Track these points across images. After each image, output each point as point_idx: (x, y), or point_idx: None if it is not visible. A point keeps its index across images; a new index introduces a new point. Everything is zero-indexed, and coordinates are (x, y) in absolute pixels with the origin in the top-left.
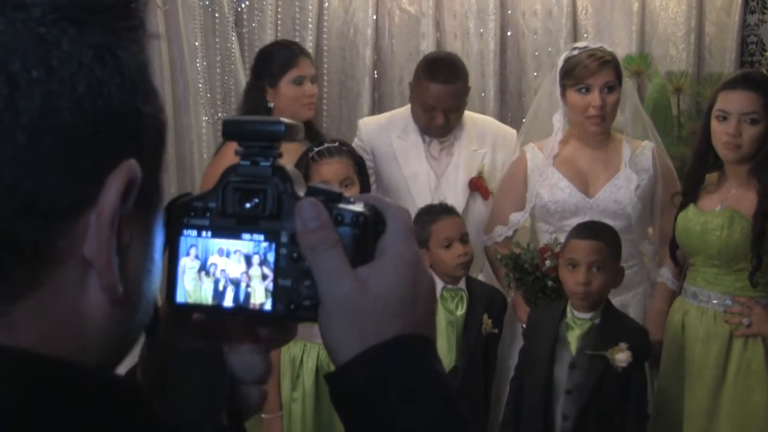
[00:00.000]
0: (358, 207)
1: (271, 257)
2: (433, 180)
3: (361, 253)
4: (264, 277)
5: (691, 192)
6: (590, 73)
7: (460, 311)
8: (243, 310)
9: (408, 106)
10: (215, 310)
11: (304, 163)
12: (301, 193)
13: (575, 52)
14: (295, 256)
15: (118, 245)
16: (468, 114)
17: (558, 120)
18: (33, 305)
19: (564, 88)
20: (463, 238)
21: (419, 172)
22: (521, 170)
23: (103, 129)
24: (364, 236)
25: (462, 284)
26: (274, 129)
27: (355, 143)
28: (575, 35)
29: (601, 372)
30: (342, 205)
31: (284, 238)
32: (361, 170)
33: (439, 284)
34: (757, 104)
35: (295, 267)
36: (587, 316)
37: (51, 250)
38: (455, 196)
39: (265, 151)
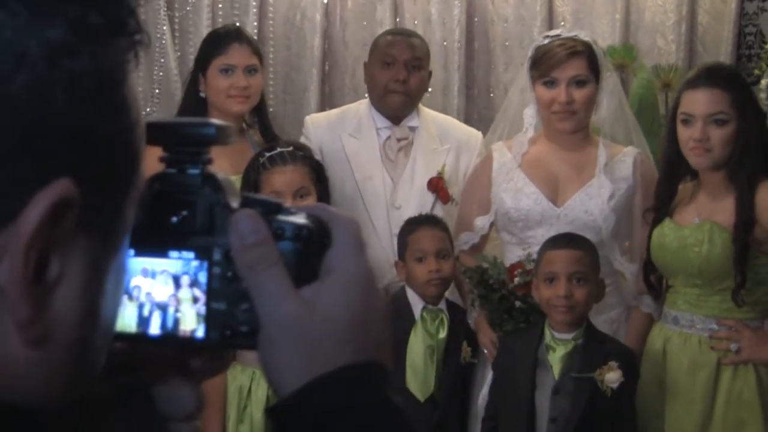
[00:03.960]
0: (301, 219)
1: (202, 277)
2: (388, 184)
3: (306, 271)
4: (195, 300)
5: (664, 205)
6: (557, 63)
7: (442, 334)
8: (172, 337)
9: (362, 101)
10: (140, 338)
11: (254, 170)
12: (235, 204)
13: (546, 41)
14: (230, 276)
15: (42, 277)
16: (428, 111)
17: (529, 115)
18: None
19: (533, 80)
20: (441, 254)
21: (373, 175)
22: (486, 172)
23: (36, 137)
24: (308, 252)
25: (442, 305)
26: (203, 132)
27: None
28: (551, 23)
29: (589, 396)
30: (282, 217)
31: (217, 256)
32: (318, 177)
33: (419, 304)
34: (723, 102)
35: (231, 288)
36: (569, 336)
37: None
38: (409, 201)
39: (194, 158)
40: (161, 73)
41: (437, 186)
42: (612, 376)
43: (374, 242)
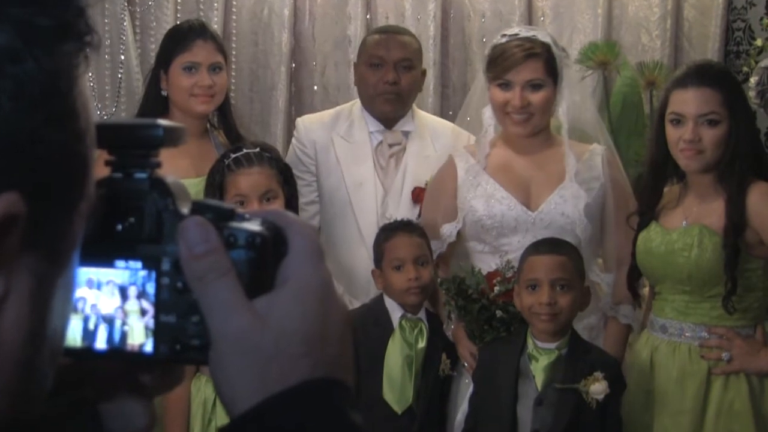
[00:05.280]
0: (255, 225)
1: (150, 289)
2: (380, 191)
3: (259, 282)
4: (143, 312)
5: (649, 209)
6: (512, 65)
7: (421, 344)
8: (119, 352)
9: (355, 102)
10: (85, 353)
11: (219, 172)
12: (185, 210)
13: (503, 40)
14: (179, 287)
15: None
16: (424, 114)
17: (488, 116)
18: None
19: (488, 81)
20: (419, 261)
21: (365, 181)
22: (450, 180)
23: None
24: (262, 261)
25: (422, 314)
26: (149, 134)
27: (294, 145)
28: (530, 19)
29: (573, 408)
30: (235, 224)
31: (166, 266)
32: (286, 180)
33: (398, 312)
34: (715, 102)
35: (181, 300)
36: (552, 345)
37: None
38: (399, 212)
39: (141, 161)
40: (122, 71)
41: (421, 197)
42: (597, 388)
43: (363, 254)
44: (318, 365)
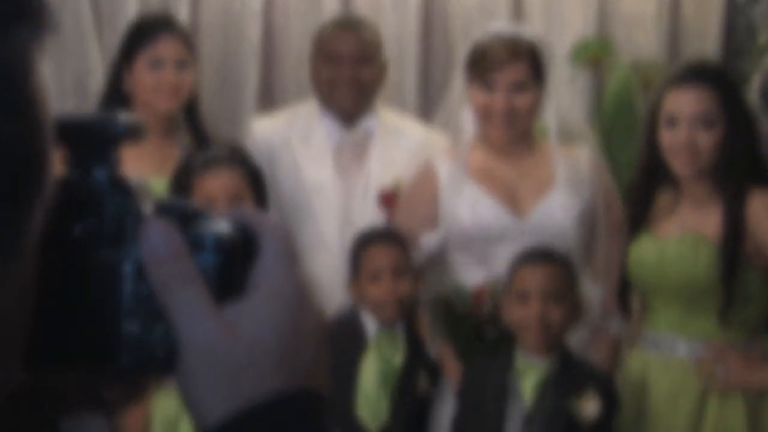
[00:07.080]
0: (223, 227)
1: None
2: (341, 194)
3: (228, 287)
4: None
5: (640, 217)
6: (496, 66)
7: (397, 359)
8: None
9: (311, 102)
10: None
11: (185, 174)
12: (149, 210)
13: (485, 38)
14: (143, 294)
15: None
16: (387, 112)
17: (468, 119)
18: None
19: (469, 81)
20: (398, 271)
21: (325, 185)
22: (429, 188)
23: None
24: (231, 265)
25: (399, 328)
26: (108, 128)
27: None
28: (518, 14)
29: (564, 427)
30: (201, 226)
31: (128, 270)
32: (256, 182)
33: (374, 324)
34: (712, 102)
35: (145, 307)
36: (542, 361)
37: None
38: (364, 216)
39: (100, 158)
40: (82, 66)
41: (390, 202)
42: (590, 406)
43: (325, 262)
44: (292, 376)
